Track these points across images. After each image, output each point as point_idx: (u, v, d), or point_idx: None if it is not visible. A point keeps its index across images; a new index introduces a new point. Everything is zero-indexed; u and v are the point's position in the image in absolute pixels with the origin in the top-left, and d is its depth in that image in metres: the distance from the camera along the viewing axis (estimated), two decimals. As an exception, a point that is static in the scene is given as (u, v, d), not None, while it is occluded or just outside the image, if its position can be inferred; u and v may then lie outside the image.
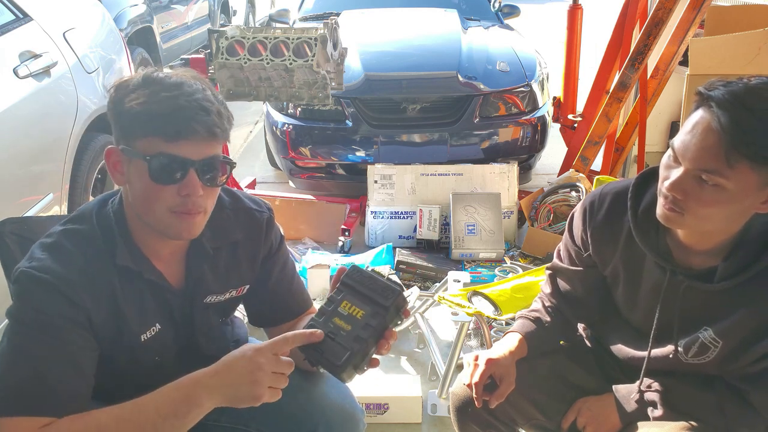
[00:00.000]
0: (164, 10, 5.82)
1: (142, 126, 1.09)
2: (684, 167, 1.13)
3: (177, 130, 1.08)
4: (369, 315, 1.12)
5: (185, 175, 1.11)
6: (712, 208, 1.13)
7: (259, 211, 1.36)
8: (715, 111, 1.09)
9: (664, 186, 1.17)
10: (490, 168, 3.43)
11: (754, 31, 2.76)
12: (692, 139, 1.12)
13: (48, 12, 2.83)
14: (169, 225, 1.14)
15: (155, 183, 1.10)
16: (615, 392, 1.40)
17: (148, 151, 1.09)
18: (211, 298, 1.31)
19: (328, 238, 3.48)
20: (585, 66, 4.10)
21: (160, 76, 1.12)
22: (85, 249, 1.16)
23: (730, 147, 1.07)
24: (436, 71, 3.74)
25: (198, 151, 1.11)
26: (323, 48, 2.74)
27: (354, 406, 1.36)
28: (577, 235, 1.43)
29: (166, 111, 1.08)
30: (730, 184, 1.10)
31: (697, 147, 1.11)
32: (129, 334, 1.20)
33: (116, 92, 1.13)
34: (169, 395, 1.06)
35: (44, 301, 1.10)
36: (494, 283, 2.27)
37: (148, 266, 1.21)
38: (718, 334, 1.24)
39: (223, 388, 1.05)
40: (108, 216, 1.20)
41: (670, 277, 1.26)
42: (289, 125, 3.63)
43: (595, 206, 1.38)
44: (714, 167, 1.09)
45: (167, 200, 1.12)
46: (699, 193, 1.12)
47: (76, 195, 2.65)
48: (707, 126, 1.10)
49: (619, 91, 3.25)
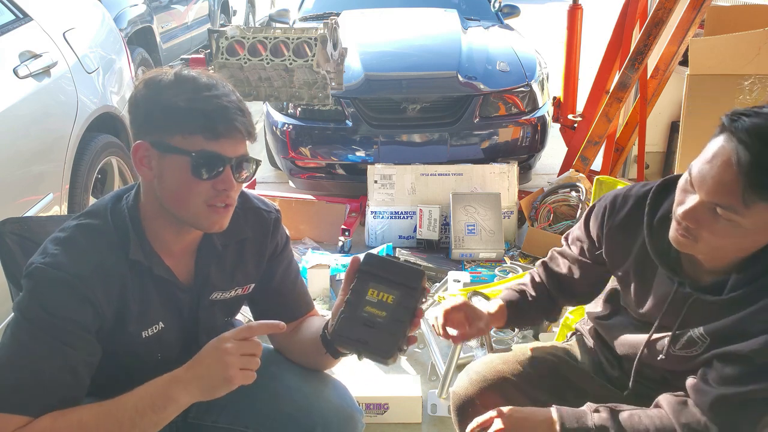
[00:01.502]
0: (164, 10, 5.83)
1: (185, 123, 1.12)
2: (699, 197, 1.09)
3: (221, 129, 1.13)
4: (400, 298, 1.15)
5: (222, 171, 1.15)
6: (725, 240, 1.11)
7: (267, 211, 1.38)
8: (736, 145, 1.04)
9: (678, 212, 1.13)
10: (490, 168, 3.43)
11: (754, 31, 2.76)
12: (710, 171, 1.07)
13: (48, 12, 2.83)
14: (203, 217, 1.18)
15: (195, 177, 1.14)
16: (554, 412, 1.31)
17: (189, 147, 1.12)
18: (217, 295, 1.32)
19: (328, 238, 3.48)
20: (585, 66, 4.10)
21: (192, 74, 1.16)
22: (99, 244, 1.17)
23: (747, 187, 1.03)
24: (436, 71, 3.75)
25: (234, 149, 1.16)
26: (323, 48, 2.74)
27: (352, 407, 1.36)
28: (593, 231, 1.41)
29: (211, 110, 1.12)
30: (746, 222, 1.06)
31: (714, 181, 1.06)
32: (131, 330, 1.21)
33: (148, 88, 1.15)
34: (147, 391, 1.10)
35: (53, 301, 1.10)
36: (494, 283, 2.28)
37: (158, 262, 1.22)
38: (708, 332, 1.23)
39: (195, 380, 1.09)
40: (122, 211, 1.21)
41: (678, 289, 1.25)
42: (289, 125, 3.64)
43: (616, 206, 1.35)
44: (729, 204, 1.05)
45: (203, 194, 1.15)
46: (712, 225, 1.09)
47: (76, 195, 2.65)
48: (726, 160, 1.04)
49: (619, 91, 3.25)
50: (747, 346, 1.15)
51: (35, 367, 1.08)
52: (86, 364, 1.14)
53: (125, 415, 1.08)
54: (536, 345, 1.60)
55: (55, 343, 1.09)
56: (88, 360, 1.14)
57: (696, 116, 2.79)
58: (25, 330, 1.10)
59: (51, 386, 1.09)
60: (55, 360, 1.09)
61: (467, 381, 1.47)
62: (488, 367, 1.47)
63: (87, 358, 1.14)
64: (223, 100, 1.13)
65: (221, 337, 1.11)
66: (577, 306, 1.56)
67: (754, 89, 2.73)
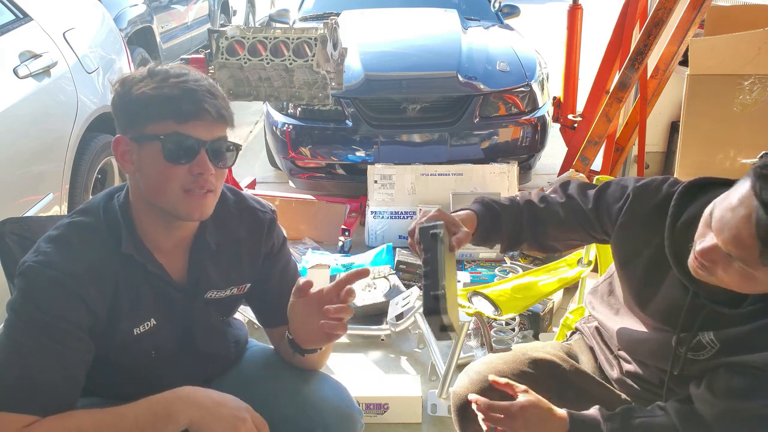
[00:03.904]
0: (164, 10, 5.82)
1: (155, 110, 1.13)
2: (717, 241, 1.06)
3: (189, 111, 1.13)
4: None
5: (197, 155, 1.15)
6: (740, 284, 1.09)
7: (263, 211, 1.38)
8: (758, 203, 0.99)
9: (696, 248, 1.10)
10: (490, 168, 3.43)
11: (754, 31, 2.76)
12: (730, 221, 1.03)
13: (48, 12, 2.83)
14: (181, 205, 1.17)
15: (169, 162, 1.14)
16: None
17: (161, 133, 1.13)
18: (212, 294, 1.32)
19: (328, 238, 3.48)
20: (585, 66, 4.10)
21: (164, 67, 1.17)
22: (92, 242, 1.17)
23: (764, 250, 1.00)
24: (436, 71, 3.74)
25: (208, 132, 1.16)
26: (323, 48, 2.74)
27: (351, 407, 1.36)
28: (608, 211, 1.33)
29: (178, 94, 1.13)
30: (759, 275, 1.05)
31: (731, 233, 1.03)
32: (123, 327, 1.21)
33: (122, 85, 1.17)
34: (150, 407, 1.10)
35: (46, 299, 1.10)
36: (494, 283, 2.27)
37: (150, 258, 1.22)
38: (718, 338, 1.22)
39: (204, 410, 1.10)
40: (114, 209, 1.22)
41: (692, 299, 1.22)
42: (289, 125, 3.64)
43: (641, 198, 1.29)
44: (744, 258, 1.03)
45: (180, 179, 1.15)
46: (727, 268, 1.07)
47: (76, 195, 2.65)
48: (747, 215, 1.00)
49: (619, 91, 3.25)
50: (761, 359, 1.13)
51: (29, 365, 1.09)
52: (80, 362, 1.14)
53: (125, 426, 1.09)
54: (536, 345, 1.60)
55: (48, 342, 1.09)
56: (82, 358, 1.14)
57: (696, 116, 2.79)
58: (19, 329, 1.10)
59: (46, 385, 1.09)
60: (49, 358, 1.09)
61: (467, 381, 1.46)
62: (488, 367, 1.46)
63: (81, 356, 1.14)
64: (191, 83, 1.14)
65: (249, 407, 1.14)
66: (535, 252, 1.50)
67: (754, 89, 2.73)
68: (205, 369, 1.38)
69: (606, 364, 1.51)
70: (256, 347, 1.51)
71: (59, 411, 1.10)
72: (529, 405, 1.27)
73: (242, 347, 1.49)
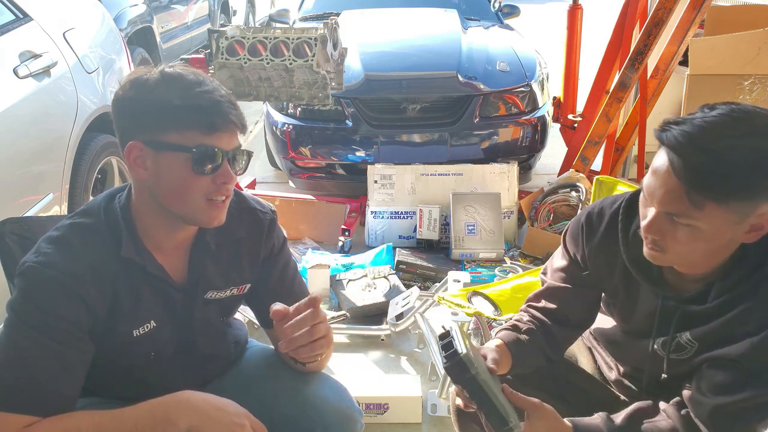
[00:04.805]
0: (164, 10, 5.82)
1: (181, 119, 1.13)
2: (655, 208, 1.11)
3: (218, 124, 1.15)
4: None
5: (221, 165, 1.17)
6: (692, 245, 1.11)
7: (263, 211, 1.38)
8: (669, 154, 1.07)
9: (642, 227, 1.16)
10: (490, 168, 3.43)
11: (754, 31, 2.76)
12: (656, 182, 1.10)
13: (48, 12, 2.83)
14: (202, 213, 1.19)
15: (195, 173, 1.15)
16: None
17: (187, 143, 1.13)
18: (212, 294, 1.32)
19: (328, 238, 3.48)
20: (585, 66, 4.10)
21: (178, 71, 1.18)
22: (92, 243, 1.18)
23: (690, 191, 1.04)
24: (436, 71, 3.74)
25: (230, 142, 1.18)
26: (323, 48, 2.75)
27: (351, 407, 1.36)
28: (576, 253, 1.38)
29: (207, 106, 1.14)
30: (702, 224, 1.07)
31: (661, 191, 1.09)
32: (122, 329, 1.21)
33: (135, 89, 1.16)
34: (150, 411, 1.11)
35: (46, 300, 1.11)
36: (494, 283, 2.28)
37: (150, 260, 1.22)
38: (694, 336, 1.24)
39: (203, 415, 1.11)
40: (115, 210, 1.22)
41: (663, 302, 1.25)
42: (289, 125, 3.63)
43: (592, 225, 1.33)
44: (681, 211, 1.07)
45: (204, 189, 1.17)
46: (674, 233, 1.10)
47: (76, 195, 2.65)
48: (666, 170, 1.07)
49: (619, 91, 3.25)
50: (735, 350, 1.16)
51: (29, 365, 1.09)
52: (80, 362, 1.14)
53: (124, 429, 1.09)
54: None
55: (48, 342, 1.10)
56: (82, 358, 1.15)
57: (696, 116, 2.79)
58: (19, 329, 1.10)
59: (46, 385, 1.09)
60: (48, 358, 1.10)
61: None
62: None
63: (81, 356, 1.14)
64: (215, 94, 1.15)
65: (248, 413, 1.15)
66: (580, 335, 1.52)
67: (754, 89, 2.74)
68: (205, 369, 1.38)
69: (604, 365, 1.51)
70: (256, 347, 1.51)
71: (59, 411, 1.10)
72: None
73: (242, 347, 1.49)
